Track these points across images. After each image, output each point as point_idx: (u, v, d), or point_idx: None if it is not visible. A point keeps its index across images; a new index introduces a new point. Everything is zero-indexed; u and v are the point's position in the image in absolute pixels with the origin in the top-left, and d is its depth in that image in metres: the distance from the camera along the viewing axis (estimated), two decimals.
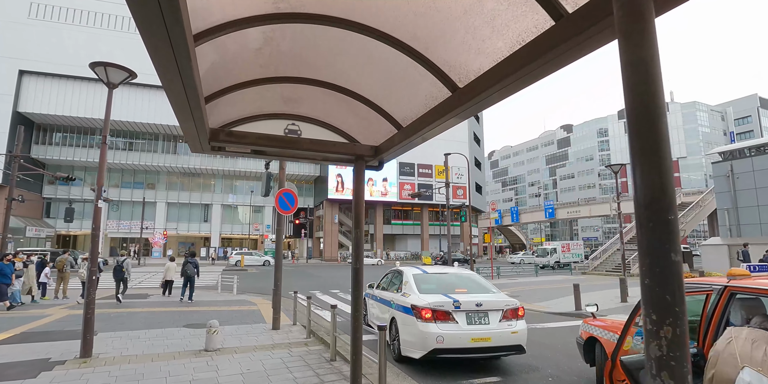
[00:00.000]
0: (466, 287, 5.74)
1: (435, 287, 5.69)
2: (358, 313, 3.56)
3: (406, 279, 6.02)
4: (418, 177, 50.66)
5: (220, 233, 48.97)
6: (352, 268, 3.56)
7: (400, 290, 5.99)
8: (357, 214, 3.64)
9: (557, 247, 33.33)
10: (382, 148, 3.64)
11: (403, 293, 5.74)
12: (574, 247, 33.90)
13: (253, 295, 14.52)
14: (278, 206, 7.53)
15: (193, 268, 12.55)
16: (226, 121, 3.56)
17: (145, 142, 46.07)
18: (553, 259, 32.24)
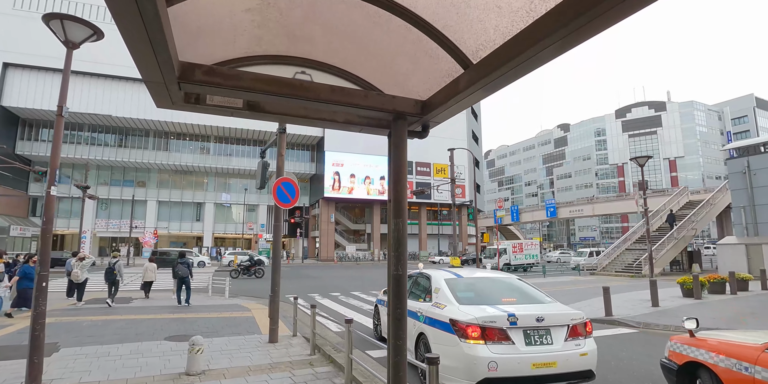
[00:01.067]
0: (513, 296, 4.65)
1: (475, 296, 4.59)
2: (400, 343, 2.45)
3: (437, 285, 4.90)
4: (416, 175, 49.60)
5: (213, 233, 47.63)
6: (392, 275, 2.44)
7: (429, 299, 4.88)
8: (397, 197, 2.54)
9: (507, 248, 28.90)
10: (433, 104, 2.52)
11: (435, 303, 4.64)
12: (528, 248, 29.25)
13: (247, 298, 13.34)
14: (276, 198, 6.39)
15: (185, 268, 11.41)
16: (207, 62, 2.42)
17: (135, 138, 44.62)
18: (502, 261, 28.04)
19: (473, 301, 4.41)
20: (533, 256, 29.04)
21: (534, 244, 29.83)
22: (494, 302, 4.33)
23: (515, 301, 4.49)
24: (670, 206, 28.62)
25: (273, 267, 6.72)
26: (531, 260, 28.89)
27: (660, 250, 23.09)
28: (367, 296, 14.12)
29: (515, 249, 28.67)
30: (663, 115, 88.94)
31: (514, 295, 4.69)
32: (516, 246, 29.04)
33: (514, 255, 28.33)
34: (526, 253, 28.84)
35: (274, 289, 6.65)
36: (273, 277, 6.67)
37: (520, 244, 29.35)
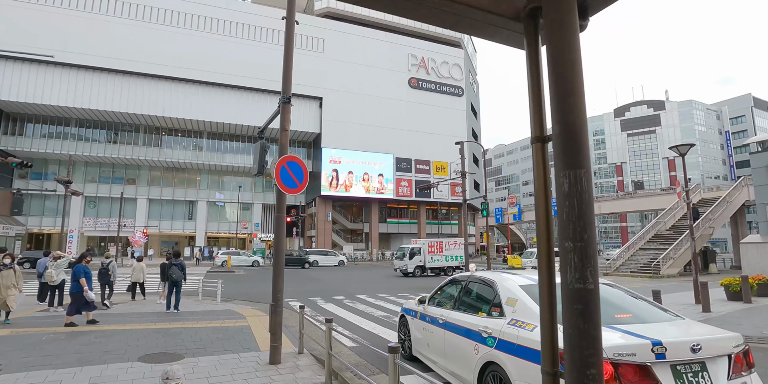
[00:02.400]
0: (626, 310, 3.33)
1: None
2: None
3: (510, 294, 3.57)
4: (416, 173, 48.35)
5: (206, 232, 46.04)
6: (573, 292, 1.10)
7: (499, 314, 3.54)
8: (570, 128, 1.19)
9: (423, 247, 24.62)
10: None
11: (515, 321, 3.31)
12: (450, 247, 24.89)
13: (241, 303, 11.96)
14: (280, 182, 5.05)
15: (179, 270, 10.06)
16: None
17: (125, 133, 42.95)
18: (413, 263, 24.04)
19: None
20: (456, 257, 24.94)
21: (458, 244, 25.40)
22: (607, 321, 3.03)
23: (631, 317, 3.16)
24: (682, 204, 27.52)
25: (275, 269, 5.36)
26: (453, 262, 24.78)
27: (678, 249, 21.95)
28: (375, 300, 12.78)
29: (432, 248, 24.51)
30: (662, 114, 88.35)
31: (626, 308, 3.37)
32: (434, 245, 24.78)
33: (430, 256, 24.32)
34: (447, 254, 24.73)
35: (275, 297, 5.29)
36: (275, 282, 5.32)
37: (439, 243, 25.06)
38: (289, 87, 5.53)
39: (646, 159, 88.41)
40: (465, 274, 4.65)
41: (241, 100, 42.42)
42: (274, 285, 5.31)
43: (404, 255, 24.73)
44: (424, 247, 24.58)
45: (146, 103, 39.62)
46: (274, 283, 5.32)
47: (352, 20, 48.37)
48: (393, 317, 9.60)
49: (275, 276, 5.34)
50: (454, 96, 52.42)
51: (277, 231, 5.42)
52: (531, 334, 3.00)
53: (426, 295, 5.26)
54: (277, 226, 5.42)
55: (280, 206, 5.42)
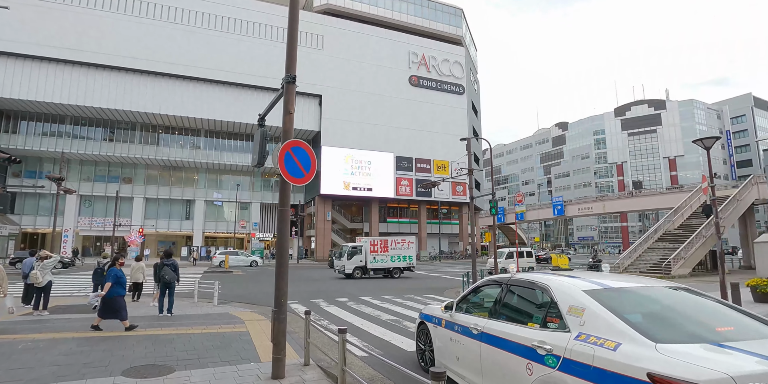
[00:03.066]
0: (724, 321, 2.71)
1: (668, 325, 2.64)
2: None
3: (570, 300, 2.96)
4: (416, 172, 47.71)
5: (204, 231, 45.33)
6: None
7: (559, 325, 2.91)
8: None
9: (364, 246, 22.24)
10: None
11: (585, 335, 2.66)
12: (396, 247, 22.36)
13: (239, 306, 11.29)
14: (284, 170, 4.40)
15: (172, 271, 9.38)
16: None
17: (121, 131, 42.20)
18: (352, 263, 21.80)
19: (673, 334, 2.48)
20: (405, 258, 22.60)
21: (408, 242, 23.13)
22: (708, 336, 2.37)
23: (733, 330, 2.52)
24: (690, 203, 27.00)
25: (278, 271, 4.71)
26: (400, 263, 22.39)
27: (688, 248, 21.36)
28: (381, 302, 12.13)
29: (375, 248, 22.02)
30: (663, 113, 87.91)
31: (721, 318, 2.75)
32: (376, 244, 22.30)
33: (372, 256, 21.89)
34: (394, 254, 22.21)
35: (279, 302, 4.64)
36: (278, 285, 4.66)
37: (384, 242, 22.53)
38: (294, 65, 4.89)
39: (647, 159, 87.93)
40: (505, 276, 4.00)
41: (239, 98, 41.72)
42: (278, 288, 4.66)
43: (342, 254, 22.57)
44: (366, 245, 22.20)
45: (143, 100, 38.89)
46: (277, 286, 4.66)
47: (352, 17, 47.72)
48: (403, 322, 8.95)
49: (278, 278, 4.68)
50: (455, 94, 51.81)
51: (281, 227, 4.77)
52: (615, 354, 2.35)
53: (452, 301, 4.61)
54: (281, 222, 4.77)
55: (283, 199, 4.77)
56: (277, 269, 4.70)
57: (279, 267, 4.67)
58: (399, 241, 23.11)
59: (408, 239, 23.58)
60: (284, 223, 4.74)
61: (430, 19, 52.83)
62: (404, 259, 22.79)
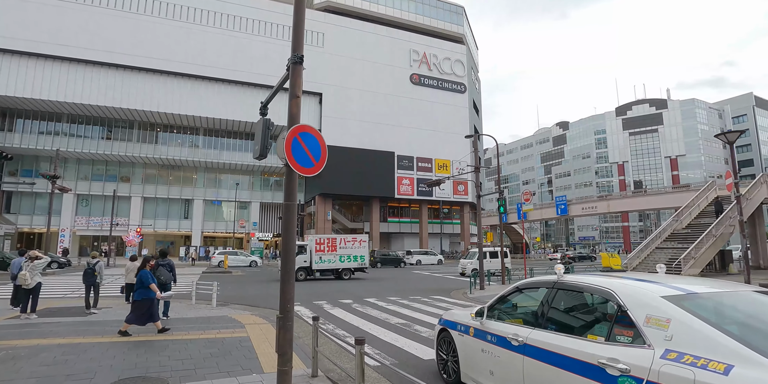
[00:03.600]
0: None
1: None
2: None
3: (648, 309, 2.44)
4: (417, 171, 47.22)
5: (202, 231, 44.79)
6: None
7: (626, 337, 2.41)
8: None
9: (309, 244, 20.58)
10: None
11: (674, 354, 2.15)
12: (346, 245, 20.68)
13: (239, 308, 10.76)
14: (291, 158, 3.88)
15: (167, 271, 8.86)
16: None
17: (118, 129, 41.63)
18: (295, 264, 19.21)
19: None
20: (356, 258, 20.89)
21: (359, 241, 21.29)
22: None
23: None
24: (698, 202, 26.51)
25: (284, 273, 4.19)
26: (350, 263, 20.72)
27: (698, 248, 20.86)
28: (387, 304, 11.61)
29: (321, 247, 20.18)
30: (664, 112, 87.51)
31: None
32: (323, 242, 20.41)
33: (318, 255, 20.14)
34: (343, 254, 20.35)
35: (284, 308, 4.11)
36: (283, 288, 4.14)
37: (331, 240, 20.68)
38: (301, 44, 4.36)
39: (648, 158, 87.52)
40: (549, 279, 3.48)
41: (239, 96, 41.18)
42: (283, 292, 4.14)
43: (277, 255, 21.07)
44: (311, 244, 20.37)
45: (140, 98, 38.34)
46: (282, 290, 4.14)
47: (353, 14, 47.21)
48: (413, 325, 8.43)
49: (284, 281, 4.16)
50: (457, 93, 51.33)
51: (287, 223, 4.25)
52: (728, 380, 1.84)
53: (482, 306, 4.09)
54: (287, 218, 4.25)
55: (290, 192, 4.25)
56: (283, 271, 4.18)
57: (285, 268, 4.16)
58: (349, 239, 21.21)
59: (360, 237, 21.66)
60: (290, 219, 4.22)
61: (431, 17, 52.35)
62: (355, 259, 21.08)
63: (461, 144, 50.37)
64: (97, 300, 10.17)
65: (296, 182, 4.19)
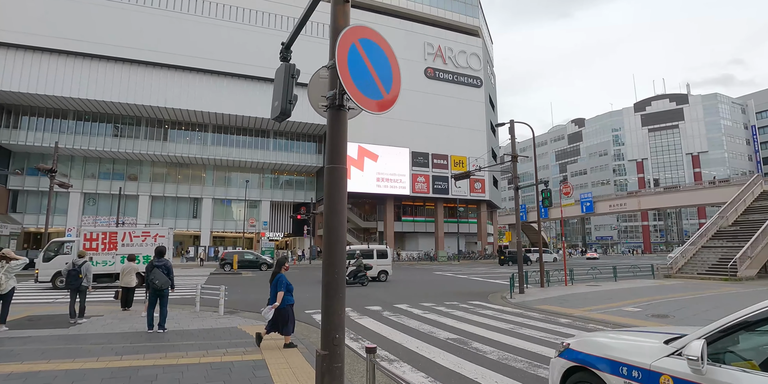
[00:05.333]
0: None
1: None
2: None
3: None
4: (433, 168, 45.45)
5: (211, 230, 43.44)
6: None
7: None
8: None
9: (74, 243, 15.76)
10: None
11: None
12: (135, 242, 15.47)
13: (251, 316, 9.15)
14: (349, 81, 2.19)
15: (163, 274, 7.22)
16: None
17: (126, 126, 40.42)
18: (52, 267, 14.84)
19: None
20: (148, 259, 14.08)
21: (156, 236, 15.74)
22: None
23: None
24: (744, 197, 24.47)
25: (328, 281, 2.50)
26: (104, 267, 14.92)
27: (754, 246, 18.87)
28: (424, 312, 9.91)
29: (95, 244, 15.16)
30: (685, 108, 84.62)
31: None
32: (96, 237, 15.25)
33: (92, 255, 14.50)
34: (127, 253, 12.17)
35: (329, 341, 2.43)
36: (328, 306, 2.47)
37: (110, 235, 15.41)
38: None
39: (669, 155, 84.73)
40: None
41: (249, 91, 39.76)
42: (328, 314, 2.46)
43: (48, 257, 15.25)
44: (79, 240, 15.34)
45: (147, 93, 37.06)
46: (327, 311, 2.46)
47: (365, 6, 45.58)
48: (471, 342, 6.72)
49: (329, 294, 2.49)
50: (473, 87, 49.49)
51: (333, 200, 2.58)
52: None
53: (687, 336, 2.39)
54: (333, 191, 2.58)
55: (336, 145, 2.58)
56: (328, 277, 2.51)
57: (331, 273, 2.49)
58: (138, 234, 15.85)
59: (158, 232, 16.12)
60: (338, 188, 2.55)
61: (445, 9, 50.57)
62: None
63: (477, 140, 48.55)
64: (84, 307, 8.61)
65: (345, 129, 2.51)
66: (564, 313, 9.93)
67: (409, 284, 17.73)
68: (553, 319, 9.22)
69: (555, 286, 15.67)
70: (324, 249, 2.65)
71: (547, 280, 15.91)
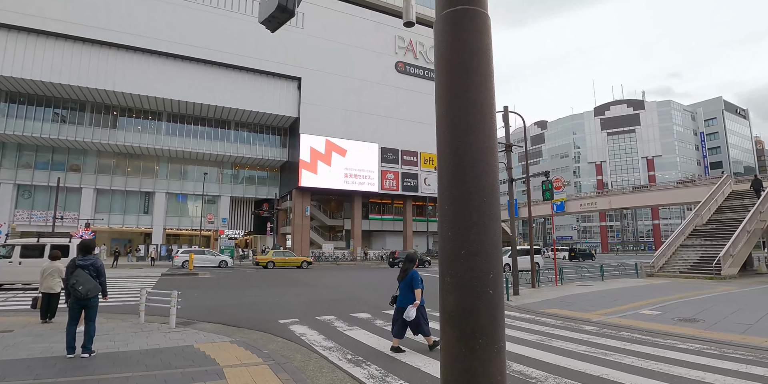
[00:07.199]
0: None
1: None
2: None
3: None
4: (402, 165, 44.16)
5: (165, 228, 40.15)
6: None
7: None
8: None
9: None
10: None
11: None
12: None
13: (211, 328, 7.28)
14: None
15: (90, 277, 5.23)
16: None
17: (68, 111, 36.51)
18: None
19: None
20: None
21: None
22: None
23: None
24: (716, 197, 24.60)
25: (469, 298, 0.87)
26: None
27: (735, 245, 18.65)
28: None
29: None
30: (641, 113, 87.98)
31: None
32: None
33: None
34: None
35: None
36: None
37: None
38: None
39: (625, 158, 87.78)
40: None
41: (209, 77, 36.92)
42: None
43: None
44: None
45: (94, 75, 33.51)
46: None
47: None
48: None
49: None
50: None
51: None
52: None
53: None
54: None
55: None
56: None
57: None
58: None
59: None
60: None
61: (417, 3, 49.35)
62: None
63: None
64: None
65: None
66: (581, 318, 8.68)
67: (391, 287, 16.17)
68: (576, 326, 7.93)
69: (546, 287, 14.61)
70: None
71: (537, 280, 14.81)
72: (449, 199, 1.26)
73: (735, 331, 7.22)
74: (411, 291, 5.92)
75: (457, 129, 1.33)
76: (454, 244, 1.15)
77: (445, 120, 1.38)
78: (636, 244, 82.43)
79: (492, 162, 1.36)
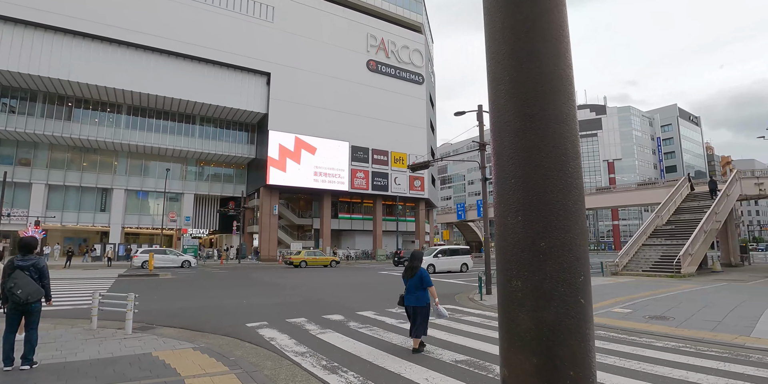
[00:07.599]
0: None
1: None
2: None
3: None
4: (373, 164, 43.86)
5: (123, 226, 38.25)
6: None
7: None
8: None
9: None
10: None
11: None
12: None
13: (171, 334, 6.74)
14: None
15: (31, 279, 4.62)
16: None
17: (17, 101, 34.16)
18: None
19: None
20: None
21: None
22: None
23: None
24: (674, 198, 25.60)
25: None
26: None
27: (693, 244, 19.39)
28: (399, 322, 8.08)
29: None
30: (603, 118, 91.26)
31: None
32: None
33: None
34: None
35: None
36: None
37: None
38: None
39: (589, 161, 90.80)
40: None
41: (172, 69, 35.39)
42: None
43: None
44: None
45: (46, 63, 31.44)
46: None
47: None
48: (485, 365, 5.00)
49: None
50: (415, 83, 48.62)
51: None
52: None
53: None
54: None
55: None
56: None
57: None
58: None
59: None
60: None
61: (389, 2, 49.21)
62: None
63: (418, 137, 47.82)
64: None
65: None
66: None
67: (362, 287, 15.83)
68: None
69: None
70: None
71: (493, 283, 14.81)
72: (517, 170, 0.95)
73: (705, 329, 7.31)
74: (420, 289, 5.88)
75: None
76: (528, 234, 0.85)
77: None
78: (597, 244, 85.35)
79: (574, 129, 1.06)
